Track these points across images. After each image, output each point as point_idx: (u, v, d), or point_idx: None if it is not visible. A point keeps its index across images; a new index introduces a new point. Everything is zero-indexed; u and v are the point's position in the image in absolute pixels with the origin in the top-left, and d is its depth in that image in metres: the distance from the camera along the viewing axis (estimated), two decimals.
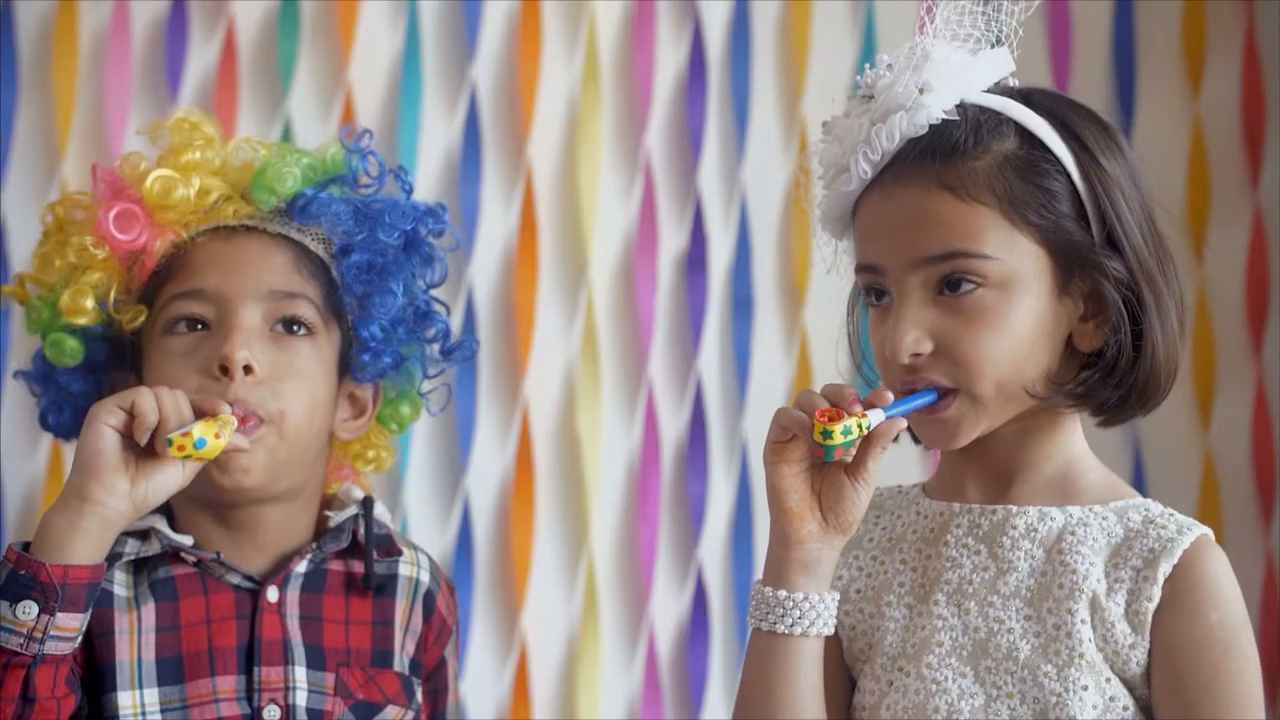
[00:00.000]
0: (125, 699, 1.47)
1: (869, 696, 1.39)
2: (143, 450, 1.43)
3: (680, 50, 2.21)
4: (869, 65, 1.38)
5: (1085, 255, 1.33)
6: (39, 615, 1.37)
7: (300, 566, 1.55)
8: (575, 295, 2.15)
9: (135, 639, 1.49)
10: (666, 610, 2.15)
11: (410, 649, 1.60)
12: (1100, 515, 1.36)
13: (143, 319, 1.56)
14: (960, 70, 1.35)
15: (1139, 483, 2.18)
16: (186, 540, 1.53)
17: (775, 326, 2.21)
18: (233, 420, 1.44)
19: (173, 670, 1.49)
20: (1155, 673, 1.31)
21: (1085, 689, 1.31)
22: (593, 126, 2.16)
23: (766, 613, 1.34)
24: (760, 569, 1.37)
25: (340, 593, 1.57)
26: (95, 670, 1.48)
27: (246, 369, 1.51)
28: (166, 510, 1.54)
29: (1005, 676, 1.33)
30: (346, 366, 1.60)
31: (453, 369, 1.73)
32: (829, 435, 1.28)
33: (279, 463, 1.52)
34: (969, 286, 1.32)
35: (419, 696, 1.59)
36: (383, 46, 2.13)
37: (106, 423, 1.42)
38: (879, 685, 1.38)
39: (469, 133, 2.12)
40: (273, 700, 1.50)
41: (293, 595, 1.55)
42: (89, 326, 1.57)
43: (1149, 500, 1.38)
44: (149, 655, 1.50)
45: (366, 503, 1.61)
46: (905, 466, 2.00)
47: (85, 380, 1.60)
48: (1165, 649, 1.31)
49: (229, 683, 1.50)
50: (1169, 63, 2.27)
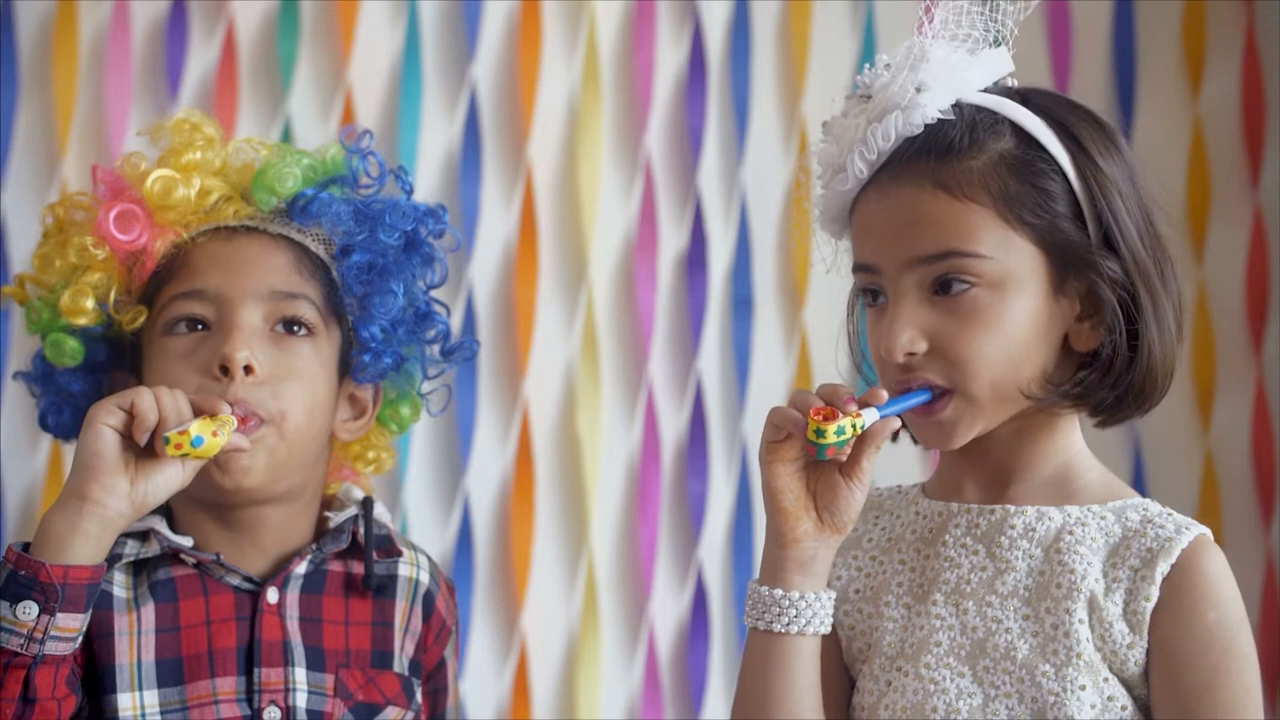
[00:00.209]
0: (125, 701, 1.47)
1: (868, 696, 1.39)
2: (142, 450, 1.42)
3: (680, 50, 2.21)
4: (869, 65, 1.38)
5: (1081, 255, 1.33)
6: (39, 615, 1.37)
7: (300, 568, 1.55)
8: (575, 295, 2.15)
9: (135, 640, 1.49)
10: (666, 610, 2.15)
11: (410, 650, 1.60)
12: (1098, 515, 1.35)
13: (143, 319, 1.56)
14: (957, 70, 1.35)
15: (1139, 483, 2.18)
16: (186, 541, 1.53)
17: (775, 326, 2.21)
18: (232, 420, 1.44)
19: (172, 672, 1.49)
20: (1153, 672, 1.31)
21: (1083, 689, 1.31)
22: (593, 126, 2.16)
23: (763, 612, 1.34)
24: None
25: (340, 594, 1.57)
26: (95, 672, 1.48)
27: (247, 369, 1.50)
28: (166, 511, 1.54)
29: (1003, 676, 1.33)
30: (347, 367, 1.60)
31: (453, 370, 1.73)
32: (822, 434, 1.28)
33: (279, 463, 1.52)
34: (963, 286, 1.32)
35: (419, 697, 1.59)
36: (383, 46, 2.13)
37: (106, 423, 1.41)
38: (877, 685, 1.38)
39: (469, 133, 2.12)
40: (273, 702, 1.50)
41: (292, 596, 1.55)
42: (89, 327, 1.57)
43: (1147, 500, 1.37)
44: (148, 657, 1.49)
45: (366, 503, 1.61)
46: (905, 466, 2.00)
47: (85, 381, 1.60)
48: (1163, 649, 1.31)
49: (229, 684, 1.50)
50: (1169, 63, 2.27)
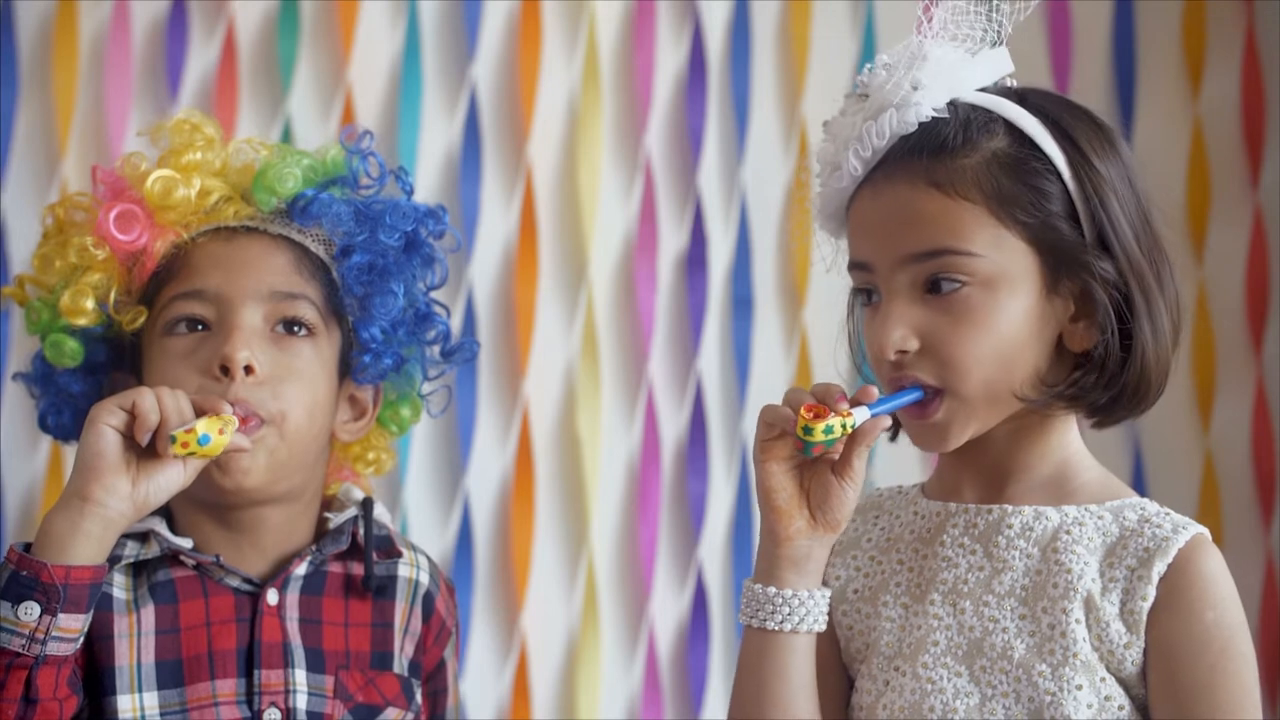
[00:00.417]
0: (125, 702, 1.47)
1: (866, 696, 1.39)
2: (144, 451, 1.43)
3: (680, 50, 2.21)
4: (869, 65, 1.39)
5: (1074, 255, 1.33)
6: (41, 616, 1.37)
7: (300, 569, 1.55)
8: (575, 295, 2.15)
9: (134, 642, 1.49)
10: (666, 610, 2.15)
11: (409, 650, 1.60)
12: (1096, 514, 1.35)
13: (143, 320, 1.56)
14: (954, 69, 1.35)
15: (1139, 483, 2.18)
16: (186, 543, 1.53)
17: (775, 326, 2.21)
18: (234, 420, 1.44)
19: (172, 673, 1.49)
20: (1151, 672, 1.31)
21: (1080, 688, 1.31)
22: (593, 126, 2.16)
23: (757, 610, 1.34)
24: None
25: (340, 595, 1.57)
26: (95, 673, 1.48)
27: (247, 369, 1.50)
28: (166, 513, 1.54)
29: (1000, 676, 1.33)
30: (347, 368, 1.60)
31: (453, 370, 1.73)
32: (810, 431, 1.29)
33: (279, 464, 1.52)
34: (954, 285, 1.32)
35: (419, 698, 1.59)
36: (383, 46, 2.13)
37: (107, 423, 1.41)
38: (875, 685, 1.38)
39: (469, 133, 2.12)
40: (273, 703, 1.50)
41: (292, 598, 1.55)
42: (89, 327, 1.57)
43: (1145, 500, 1.37)
44: (148, 658, 1.49)
45: (366, 504, 1.61)
46: (905, 466, 2.01)
47: (85, 381, 1.60)
48: (1161, 648, 1.30)
49: (229, 686, 1.50)
50: (1169, 63, 2.27)
